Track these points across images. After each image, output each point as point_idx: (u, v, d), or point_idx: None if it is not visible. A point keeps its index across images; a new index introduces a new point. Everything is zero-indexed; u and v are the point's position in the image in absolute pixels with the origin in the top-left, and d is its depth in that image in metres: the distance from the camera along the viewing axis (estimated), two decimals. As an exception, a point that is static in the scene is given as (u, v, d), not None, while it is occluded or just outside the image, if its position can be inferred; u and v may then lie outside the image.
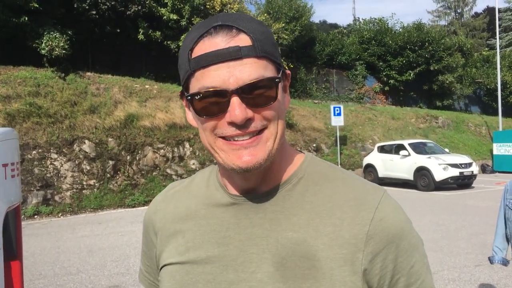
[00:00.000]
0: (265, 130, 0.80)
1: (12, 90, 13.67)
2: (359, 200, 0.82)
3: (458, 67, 27.22)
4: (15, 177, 1.78)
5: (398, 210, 0.84)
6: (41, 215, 11.67)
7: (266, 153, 0.80)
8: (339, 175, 0.88)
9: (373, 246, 0.79)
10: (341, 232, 0.80)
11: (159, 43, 17.69)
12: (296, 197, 0.84)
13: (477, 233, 8.17)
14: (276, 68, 0.81)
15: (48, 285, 5.89)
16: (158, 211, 0.98)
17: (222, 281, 0.82)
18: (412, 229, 0.85)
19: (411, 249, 0.82)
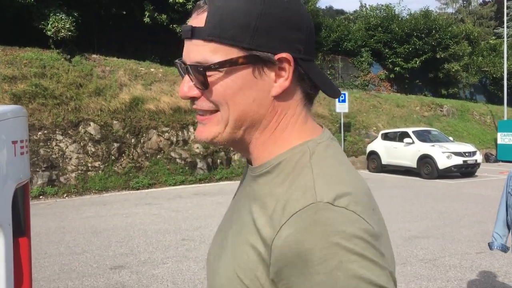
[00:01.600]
0: (218, 112, 0.80)
1: (18, 71, 13.69)
2: (285, 201, 0.73)
3: (464, 56, 26.99)
4: (24, 155, 1.80)
5: (319, 227, 0.67)
6: (46, 196, 11.78)
7: (211, 134, 0.82)
8: (304, 170, 0.76)
9: (276, 258, 0.70)
10: (264, 229, 0.74)
11: (165, 26, 17.60)
12: (263, 181, 0.81)
13: (479, 221, 8.21)
14: (239, 50, 0.76)
15: (53, 264, 5.97)
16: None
17: (214, 245, 0.94)
18: (334, 257, 0.65)
19: (318, 280, 0.65)
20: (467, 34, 28.59)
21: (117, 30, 17.95)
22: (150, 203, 10.69)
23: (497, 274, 5.41)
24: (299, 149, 0.80)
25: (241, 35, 0.76)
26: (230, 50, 0.76)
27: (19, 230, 1.76)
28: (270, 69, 0.79)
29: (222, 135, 0.82)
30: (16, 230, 1.72)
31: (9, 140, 1.62)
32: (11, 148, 1.61)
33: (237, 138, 0.83)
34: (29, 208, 1.90)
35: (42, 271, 5.66)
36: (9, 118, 1.65)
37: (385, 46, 26.11)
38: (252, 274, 0.74)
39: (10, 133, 1.64)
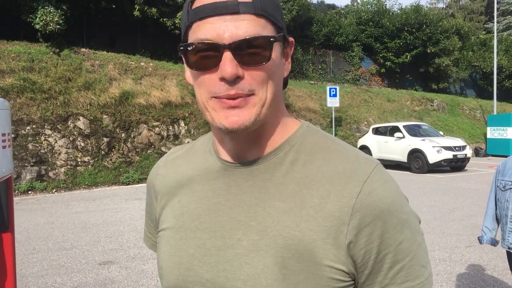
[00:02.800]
0: (253, 96, 0.78)
1: (6, 65, 13.53)
2: (349, 172, 0.79)
3: (454, 50, 27.13)
4: (6, 148, 1.76)
5: (389, 184, 0.79)
6: (35, 191, 11.67)
7: (252, 116, 0.78)
8: (332, 145, 0.85)
9: (358, 220, 0.76)
10: (327, 204, 0.77)
11: (155, 20, 17.48)
12: (286, 165, 0.83)
13: (469, 215, 8.26)
14: (276, 30, 0.79)
15: (41, 260, 5.92)
16: (158, 175, 1.00)
17: (211, 247, 0.83)
18: (404, 204, 0.80)
19: (400, 225, 0.77)
20: (457, 29, 28.73)
21: (107, 23, 17.80)
22: (140, 198, 10.63)
23: (486, 267, 5.44)
24: (303, 131, 0.87)
25: (277, 14, 0.79)
26: (272, 27, 0.78)
27: (2, 225, 1.72)
28: (284, 51, 0.84)
29: (260, 116, 0.79)
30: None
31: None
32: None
33: (265, 121, 0.82)
34: (13, 203, 1.86)
35: (30, 267, 5.60)
36: (-10, 111, 1.60)
37: (376, 41, 26.14)
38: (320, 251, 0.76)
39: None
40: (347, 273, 0.77)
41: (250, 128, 0.79)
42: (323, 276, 0.75)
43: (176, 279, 0.85)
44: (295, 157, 0.83)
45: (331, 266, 0.75)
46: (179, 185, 0.93)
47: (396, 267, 0.77)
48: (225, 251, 0.81)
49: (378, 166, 0.81)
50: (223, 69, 0.75)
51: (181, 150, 1.01)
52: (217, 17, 0.75)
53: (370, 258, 0.77)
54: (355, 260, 0.77)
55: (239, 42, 0.74)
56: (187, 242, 0.86)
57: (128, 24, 17.83)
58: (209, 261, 0.82)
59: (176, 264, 0.86)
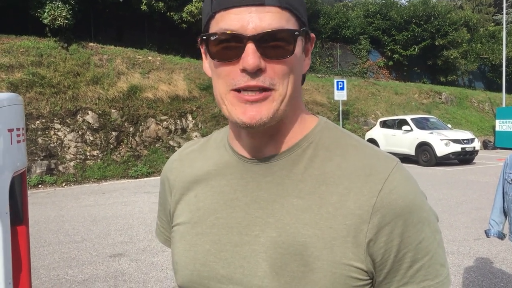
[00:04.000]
0: (273, 91, 0.77)
1: (15, 60, 13.61)
2: (369, 170, 0.78)
3: (463, 43, 26.87)
4: (21, 143, 1.79)
5: (409, 182, 0.79)
6: (45, 185, 11.78)
7: (271, 112, 0.77)
8: (351, 142, 0.84)
9: (379, 219, 0.75)
10: (347, 202, 0.77)
11: (162, 14, 17.48)
12: (304, 162, 0.82)
13: (477, 208, 8.24)
14: (299, 24, 0.79)
15: (53, 253, 5.99)
16: (173, 169, 0.98)
17: (227, 242, 0.82)
18: (424, 203, 0.80)
19: (421, 224, 0.77)
20: (466, 20, 28.45)
21: (114, 18, 17.83)
22: (149, 191, 10.70)
23: (494, 260, 5.44)
24: (321, 127, 0.87)
25: (301, 9, 0.79)
26: (295, 21, 0.78)
27: (17, 218, 1.76)
28: (304, 47, 0.83)
29: (279, 112, 0.78)
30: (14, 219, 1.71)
31: (5, 128, 1.61)
32: (7, 136, 1.60)
33: (283, 116, 0.81)
34: (27, 196, 1.90)
35: (41, 260, 5.67)
36: (4, 106, 1.64)
37: (383, 34, 25.98)
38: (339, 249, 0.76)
39: (6, 121, 1.63)
40: (365, 272, 0.76)
41: (268, 124, 0.78)
42: (342, 274, 0.75)
43: (191, 274, 0.85)
44: (313, 153, 0.83)
45: (350, 265, 0.75)
46: (195, 180, 0.92)
47: (415, 266, 0.77)
48: (241, 247, 0.81)
49: (398, 164, 0.81)
50: (245, 61, 0.74)
51: (196, 144, 1.00)
52: (242, 7, 0.74)
53: (389, 257, 0.76)
54: (374, 258, 0.76)
55: (263, 34, 0.73)
56: (203, 237, 0.85)
57: (135, 18, 17.84)
58: (225, 257, 0.82)
59: (191, 259, 0.85)
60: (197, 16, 17.25)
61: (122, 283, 4.87)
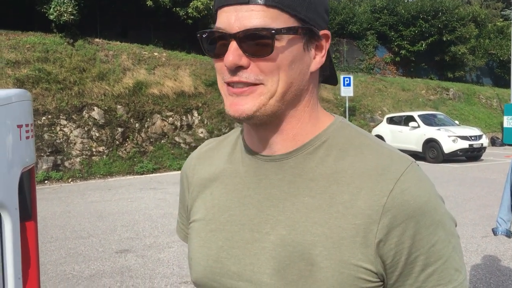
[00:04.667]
0: (261, 85, 0.77)
1: (21, 56, 13.65)
2: (381, 169, 0.77)
3: (471, 38, 26.69)
4: (30, 139, 1.79)
5: (423, 184, 0.77)
6: (51, 180, 11.83)
7: (254, 106, 0.78)
8: (366, 142, 0.83)
9: (389, 219, 0.74)
10: (358, 201, 0.76)
11: (168, 10, 17.44)
12: (316, 161, 0.82)
13: (485, 205, 8.19)
14: (296, 21, 0.77)
15: (59, 248, 6.01)
16: (191, 167, 1.00)
17: (239, 239, 0.83)
18: (439, 205, 0.78)
19: (434, 226, 0.75)
20: (474, 16, 28.23)
21: (120, 14, 17.82)
22: (155, 187, 10.72)
23: (502, 258, 5.40)
24: (336, 126, 0.86)
25: (298, 6, 0.77)
26: (288, 19, 0.77)
27: (26, 214, 1.75)
28: (312, 45, 0.82)
29: (265, 107, 0.79)
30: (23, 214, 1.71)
31: (14, 124, 1.60)
32: (16, 132, 1.59)
33: (278, 112, 0.81)
34: (35, 192, 1.89)
35: (48, 255, 5.70)
36: (13, 102, 1.63)
37: (390, 29, 25.83)
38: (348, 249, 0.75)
39: (15, 117, 1.62)
40: (375, 273, 0.75)
41: (257, 118, 0.79)
42: (350, 274, 0.74)
43: (204, 270, 0.86)
44: (326, 152, 0.82)
45: (358, 265, 0.74)
46: (211, 177, 0.93)
47: (428, 270, 0.75)
48: (252, 244, 0.81)
49: (412, 164, 0.79)
50: (226, 57, 0.76)
51: (214, 142, 1.01)
52: (231, 6, 0.76)
53: (400, 259, 0.75)
54: (384, 260, 0.75)
55: (243, 33, 0.75)
56: (216, 234, 0.86)
57: (141, 14, 17.82)
58: (236, 254, 0.82)
59: (204, 255, 0.86)
60: (202, 11, 17.20)
61: (128, 279, 4.88)
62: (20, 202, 1.69)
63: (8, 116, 1.70)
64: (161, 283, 4.77)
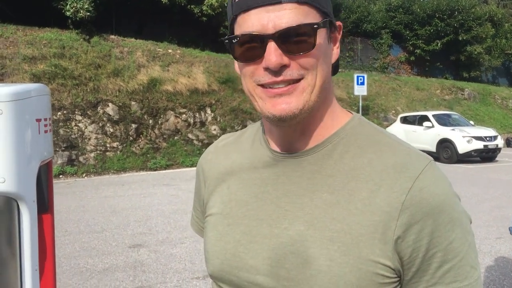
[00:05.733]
0: (302, 80, 0.78)
1: (38, 51, 13.81)
2: (400, 167, 0.78)
3: (487, 38, 26.37)
4: (48, 133, 1.81)
5: (441, 182, 0.78)
6: (66, 175, 11.96)
7: (301, 102, 0.78)
8: (384, 139, 0.84)
9: (408, 217, 0.75)
10: (376, 198, 0.76)
11: (183, 7, 17.51)
12: (335, 158, 0.83)
13: (499, 206, 8.10)
14: (321, 15, 0.79)
15: (73, 242, 6.09)
16: (208, 161, 1.01)
17: (256, 234, 0.84)
18: (456, 203, 0.78)
19: (451, 224, 0.76)
20: (490, 15, 27.87)
21: (135, 10, 17.93)
22: (168, 183, 10.78)
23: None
24: (354, 123, 0.86)
25: (321, 0, 0.79)
26: (316, 14, 0.79)
27: (43, 206, 1.78)
28: (331, 37, 0.84)
29: (309, 103, 0.80)
30: (40, 207, 1.74)
31: (33, 118, 1.63)
32: (35, 126, 1.62)
33: (314, 108, 0.82)
34: (52, 186, 1.92)
35: (62, 249, 5.77)
36: (32, 97, 1.66)
37: (406, 28, 25.63)
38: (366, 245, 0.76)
39: (34, 111, 1.65)
40: (392, 269, 0.76)
41: (299, 116, 0.79)
42: (368, 270, 0.75)
43: (221, 264, 0.87)
44: (344, 149, 0.83)
45: (377, 261, 0.75)
46: (228, 172, 0.94)
47: (445, 267, 0.76)
48: (270, 239, 0.82)
49: (431, 163, 0.80)
50: (267, 59, 0.76)
51: (231, 137, 1.02)
52: (260, 8, 0.76)
53: (418, 256, 0.75)
54: (402, 256, 0.76)
55: (282, 32, 0.75)
56: (233, 228, 0.87)
57: (156, 11, 17.91)
58: (254, 248, 0.83)
59: (221, 249, 0.87)
60: (217, 9, 17.24)
61: (141, 274, 4.93)
62: (37, 195, 1.72)
63: (27, 110, 1.73)
64: (173, 278, 4.81)
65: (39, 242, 1.74)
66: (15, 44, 13.85)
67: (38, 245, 1.72)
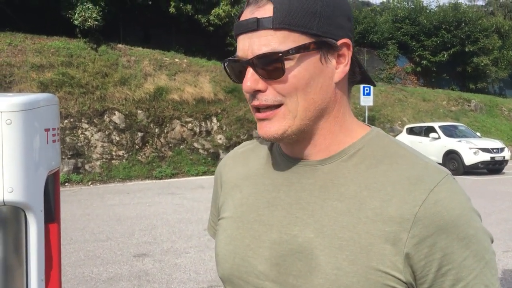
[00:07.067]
0: (282, 106, 0.80)
1: (46, 60, 13.93)
2: (415, 179, 0.76)
3: (494, 49, 26.38)
4: (56, 142, 1.81)
5: (458, 196, 0.76)
6: (71, 183, 11.99)
7: (282, 128, 0.80)
8: (400, 152, 0.82)
9: (420, 229, 0.73)
10: (388, 208, 0.75)
11: (190, 17, 17.64)
12: (349, 168, 0.82)
13: (506, 219, 8.03)
14: (309, 37, 0.78)
15: (78, 250, 6.08)
16: (226, 166, 1.02)
17: (266, 239, 0.84)
18: (474, 219, 0.76)
19: (467, 240, 0.73)
20: (497, 27, 27.91)
21: (142, 20, 18.08)
22: (173, 192, 10.78)
23: (524, 273, 5.29)
24: (371, 136, 0.86)
25: (309, 22, 0.78)
26: (299, 37, 0.78)
27: (49, 216, 1.78)
28: (332, 56, 0.81)
29: (292, 128, 0.81)
30: (47, 216, 1.74)
31: (42, 127, 1.63)
32: (43, 135, 1.62)
33: (306, 129, 0.82)
34: (59, 195, 1.92)
35: (67, 257, 5.76)
36: (41, 107, 1.66)
37: (412, 39, 25.67)
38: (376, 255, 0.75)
39: (42, 121, 1.65)
40: (404, 283, 0.74)
41: (286, 138, 0.82)
42: (377, 281, 0.73)
43: (230, 268, 0.87)
44: (360, 160, 0.83)
45: (386, 272, 0.74)
46: (244, 177, 0.95)
47: (459, 285, 0.73)
48: (279, 245, 0.82)
49: (448, 176, 0.78)
50: (244, 83, 0.80)
51: (252, 144, 1.03)
52: (243, 34, 0.79)
53: (430, 271, 0.74)
54: (414, 270, 0.74)
55: (254, 58, 0.78)
56: (243, 232, 0.88)
57: (163, 20, 18.05)
58: (263, 254, 0.83)
59: (231, 252, 0.88)
60: (224, 19, 17.35)
61: (145, 283, 4.91)
62: (44, 204, 1.72)
63: (36, 120, 1.74)
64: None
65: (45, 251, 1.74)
66: (23, 52, 13.97)
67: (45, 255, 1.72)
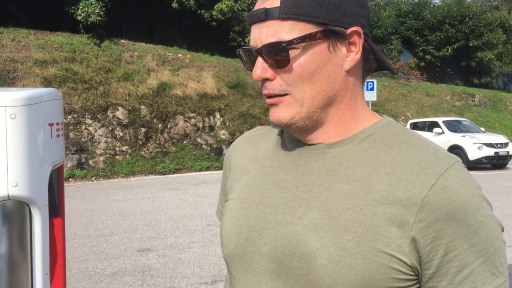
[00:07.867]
0: (287, 96, 0.82)
1: (49, 55, 13.94)
2: (424, 163, 0.76)
3: (498, 44, 26.22)
4: (60, 137, 1.81)
5: (467, 183, 0.75)
6: (75, 178, 12.03)
7: (289, 114, 0.82)
8: (412, 139, 0.83)
9: (428, 214, 0.73)
10: (396, 191, 0.75)
11: (193, 12, 17.61)
12: (358, 152, 0.83)
13: (510, 214, 8.02)
14: (315, 26, 0.78)
15: (82, 245, 6.11)
16: (235, 149, 1.03)
17: (271, 221, 0.84)
18: (483, 207, 0.75)
19: (475, 226, 0.73)
20: (502, 21, 27.72)
21: (146, 15, 18.05)
22: (176, 188, 10.80)
23: (528, 268, 5.28)
24: (382, 123, 0.86)
25: (316, 11, 0.78)
26: (306, 26, 0.79)
27: (54, 211, 1.79)
28: (342, 44, 0.82)
29: (299, 114, 0.82)
30: (52, 211, 1.74)
31: (46, 122, 1.63)
32: (47, 130, 1.63)
33: (314, 116, 0.83)
34: (64, 190, 1.93)
35: (72, 252, 5.79)
36: (45, 101, 1.66)
37: (416, 34, 25.56)
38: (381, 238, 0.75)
39: (46, 115, 1.65)
40: (409, 266, 0.74)
41: (295, 125, 0.83)
42: (382, 263, 0.73)
43: (234, 248, 0.88)
44: (369, 145, 0.83)
45: (391, 255, 0.73)
46: (252, 159, 0.96)
47: (465, 271, 0.73)
48: (284, 226, 0.82)
49: (458, 163, 0.78)
50: (253, 71, 0.83)
51: (263, 129, 1.04)
52: (254, 25, 0.82)
53: (435, 256, 0.73)
54: (420, 255, 0.74)
55: (262, 48, 0.80)
56: (248, 213, 0.88)
57: (166, 15, 18.03)
58: (267, 235, 0.83)
59: (235, 233, 0.88)
60: (227, 14, 17.31)
61: (149, 278, 4.93)
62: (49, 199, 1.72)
63: (40, 115, 1.74)
64: (181, 283, 4.80)
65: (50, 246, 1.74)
66: (26, 48, 13.99)
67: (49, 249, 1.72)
